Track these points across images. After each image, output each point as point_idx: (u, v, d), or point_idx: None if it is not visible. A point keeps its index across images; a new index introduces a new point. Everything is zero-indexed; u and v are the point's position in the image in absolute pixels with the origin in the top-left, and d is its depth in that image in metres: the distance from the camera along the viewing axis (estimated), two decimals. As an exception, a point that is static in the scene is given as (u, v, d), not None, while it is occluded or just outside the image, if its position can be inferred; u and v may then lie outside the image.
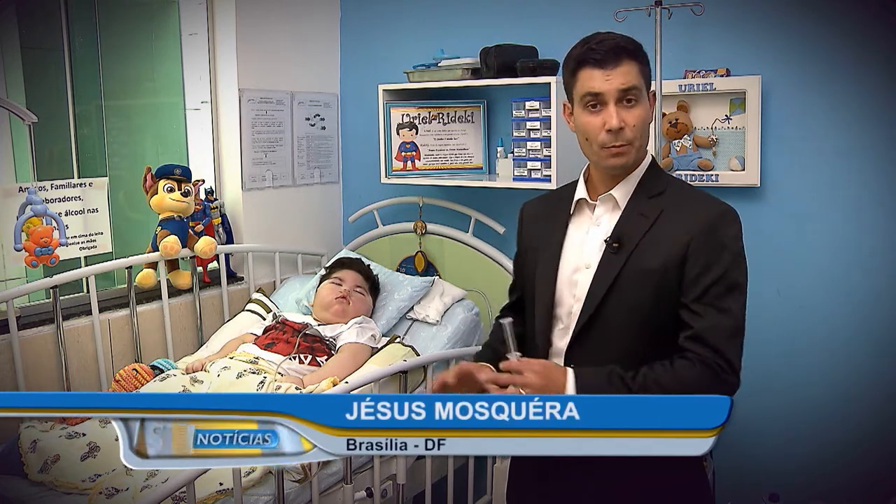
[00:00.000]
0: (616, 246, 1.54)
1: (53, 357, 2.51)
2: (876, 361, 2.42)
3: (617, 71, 1.51)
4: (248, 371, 2.40)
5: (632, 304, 1.52)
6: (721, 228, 1.53)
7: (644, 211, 1.56)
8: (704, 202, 1.58)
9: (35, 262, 2.40)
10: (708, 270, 1.49)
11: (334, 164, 3.45)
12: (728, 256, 1.51)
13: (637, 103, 1.53)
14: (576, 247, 1.61)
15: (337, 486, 2.25)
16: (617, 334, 1.54)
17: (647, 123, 1.56)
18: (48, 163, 2.80)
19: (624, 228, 1.55)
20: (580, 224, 1.63)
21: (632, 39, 1.56)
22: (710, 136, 2.58)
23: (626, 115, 1.52)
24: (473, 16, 3.04)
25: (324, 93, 3.36)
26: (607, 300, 1.53)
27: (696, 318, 1.49)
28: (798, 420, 2.55)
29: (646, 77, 1.57)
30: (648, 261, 1.52)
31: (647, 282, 1.51)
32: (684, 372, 1.47)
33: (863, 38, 2.35)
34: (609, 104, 1.52)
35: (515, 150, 2.72)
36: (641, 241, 1.53)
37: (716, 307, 1.49)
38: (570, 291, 1.59)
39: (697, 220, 1.52)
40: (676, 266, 1.50)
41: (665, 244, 1.52)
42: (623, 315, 1.53)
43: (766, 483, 2.57)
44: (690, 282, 1.50)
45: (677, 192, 1.60)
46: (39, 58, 2.92)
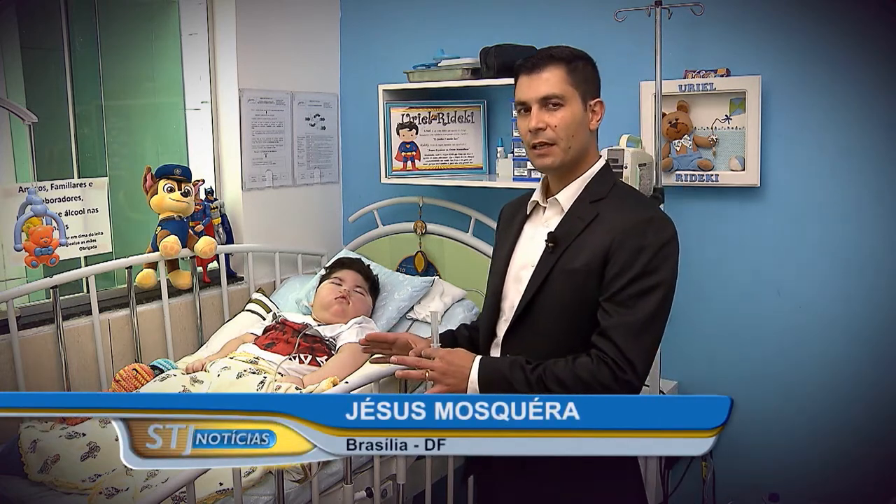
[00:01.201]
0: (552, 246, 1.63)
1: (53, 357, 2.51)
2: (876, 361, 2.42)
3: (540, 77, 1.62)
4: (248, 371, 2.40)
5: (559, 300, 1.61)
6: (644, 233, 1.56)
7: (581, 214, 1.64)
8: (636, 208, 1.63)
9: (35, 262, 2.40)
10: (623, 272, 1.54)
11: (334, 164, 3.45)
12: (645, 259, 1.54)
13: (561, 107, 1.62)
14: (525, 246, 1.72)
15: (337, 486, 2.25)
16: (546, 329, 1.62)
17: (577, 126, 1.63)
18: (48, 163, 2.80)
19: (562, 230, 1.64)
20: (534, 224, 1.73)
21: (569, 49, 1.65)
22: (710, 136, 2.58)
23: (547, 118, 1.62)
24: (473, 16, 3.04)
25: (324, 93, 3.36)
26: (538, 296, 1.62)
27: (605, 316, 1.55)
28: (798, 420, 2.55)
29: (579, 83, 1.63)
30: (574, 261, 1.60)
31: (572, 280, 1.59)
32: (583, 368, 1.52)
33: (863, 38, 2.35)
34: (532, 108, 1.63)
35: (515, 150, 2.72)
36: (573, 242, 1.61)
37: (625, 306, 1.53)
38: (515, 287, 1.69)
39: (622, 223, 1.58)
40: (598, 267, 1.57)
41: (591, 246, 1.59)
42: (551, 311, 1.61)
43: (766, 483, 2.57)
44: (607, 282, 1.56)
45: (618, 197, 1.66)
46: (39, 58, 2.92)
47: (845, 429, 2.47)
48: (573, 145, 1.63)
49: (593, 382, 1.50)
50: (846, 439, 2.47)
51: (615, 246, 1.56)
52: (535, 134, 1.62)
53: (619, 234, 1.56)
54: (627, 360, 1.50)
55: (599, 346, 1.53)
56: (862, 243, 2.42)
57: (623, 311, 1.52)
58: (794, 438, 2.55)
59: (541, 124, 1.61)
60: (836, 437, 2.49)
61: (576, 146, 1.64)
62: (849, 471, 2.46)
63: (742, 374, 2.61)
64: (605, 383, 1.49)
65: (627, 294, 1.53)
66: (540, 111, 1.62)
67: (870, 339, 2.42)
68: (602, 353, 1.51)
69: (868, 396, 2.43)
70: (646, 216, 1.59)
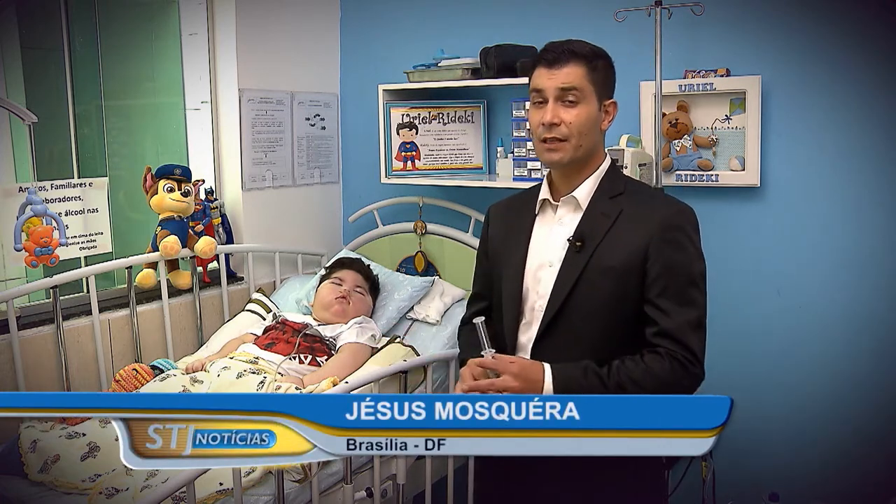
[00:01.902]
0: (579, 245, 1.61)
1: (53, 357, 2.51)
2: (876, 361, 2.42)
3: (562, 71, 1.60)
4: (248, 371, 2.40)
5: (594, 300, 1.59)
6: (681, 226, 1.59)
7: (605, 210, 1.63)
8: (662, 202, 1.66)
9: (35, 262, 2.40)
10: (669, 268, 1.56)
11: (334, 164, 3.45)
12: (687, 253, 1.58)
13: (578, 104, 1.60)
14: (540, 245, 1.69)
15: (337, 486, 2.25)
16: (581, 329, 1.60)
17: (590, 125, 1.62)
18: (48, 163, 2.80)
19: (586, 228, 1.62)
20: (544, 223, 1.71)
21: (592, 47, 1.64)
22: (710, 136, 2.58)
23: (563, 113, 1.60)
24: (473, 16, 3.04)
25: (324, 93, 3.36)
26: (571, 297, 1.60)
27: (661, 314, 1.55)
28: (798, 420, 2.55)
29: (597, 82, 1.62)
30: (609, 258, 1.58)
31: (609, 279, 1.58)
32: (655, 366, 1.53)
33: (863, 38, 2.35)
34: (549, 101, 1.60)
35: (515, 150, 2.72)
36: (603, 239, 1.60)
37: (679, 302, 1.55)
38: (534, 288, 1.66)
39: (657, 218, 1.58)
40: (639, 263, 1.57)
41: (626, 242, 1.58)
42: (586, 311, 1.59)
43: (766, 483, 2.57)
44: (653, 279, 1.56)
45: (635, 192, 1.68)
46: (39, 58, 2.92)
47: (845, 429, 2.47)
48: (584, 143, 1.62)
49: (670, 380, 1.52)
50: (846, 439, 2.47)
51: (655, 241, 1.56)
52: (549, 128, 1.61)
53: (657, 229, 1.56)
54: (694, 354, 1.54)
55: (663, 345, 1.54)
56: (862, 243, 2.42)
57: (681, 309, 1.54)
58: (794, 438, 2.55)
59: (555, 119, 1.60)
60: (836, 437, 2.49)
61: (586, 145, 1.63)
62: (849, 471, 2.46)
63: (742, 373, 2.61)
64: (680, 380, 1.53)
65: (681, 288, 1.55)
66: (556, 105, 1.60)
67: (870, 339, 2.42)
68: (670, 350, 1.53)
69: (868, 396, 2.43)
70: (675, 207, 1.61)
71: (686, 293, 1.56)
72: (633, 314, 1.59)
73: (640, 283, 1.57)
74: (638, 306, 1.58)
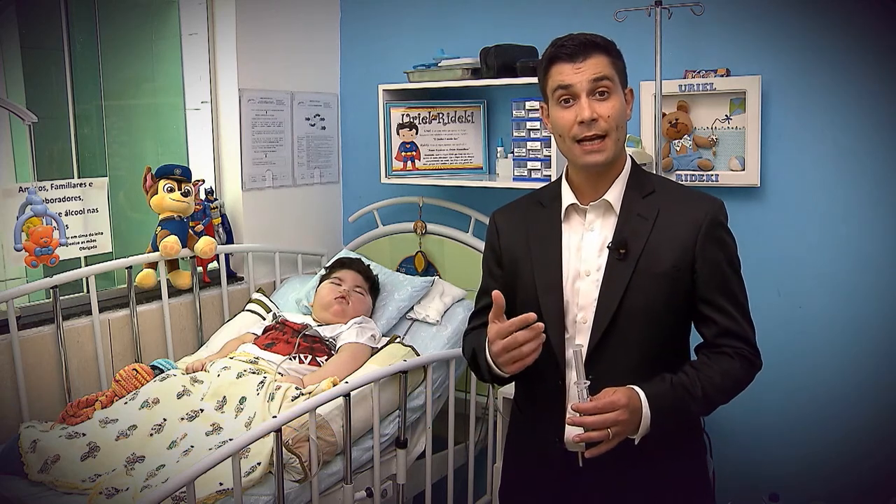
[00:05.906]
0: (623, 252, 1.53)
1: (53, 357, 2.51)
2: (876, 362, 2.42)
3: (587, 63, 1.50)
4: (248, 371, 2.40)
5: (645, 308, 1.53)
6: (720, 223, 1.58)
7: (641, 212, 1.55)
8: (697, 198, 1.61)
9: (35, 262, 2.40)
10: (719, 265, 1.55)
11: (334, 164, 3.45)
12: (731, 247, 1.58)
13: (610, 95, 1.51)
14: (573, 254, 1.59)
15: (337, 486, 2.25)
16: (632, 339, 1.54)
17: (623, 117, 1.54)
18: (48, 163, 2.80)
19: (625, 233, 1.54)
20: (573, 231, 1.61)
21: (602, 37, 1.56)
22: (710, 136, 2.58)
23: (598, 107, 1.50)
24: (473, 16, 3.04)
25: (324, 93, 3.36)
26: (621, 307, 1.52)
27: (720, 314, 1.54)
28: (798, 420, 2.55)
29: (619, 71, 1.55)
30: (657, 264, 1.52)
31: (659, 283, 1.53)
32: (728, 366, 1.54)
33: (863, 38, 2.35)
34: (581, 96, 1.50)
35: (515, 150, 2.72)
36: (647, 243, 1.53)
37: (734, 299, 1.56)
38: (573, 301, 1.57)
39: (698, 217, 1.55)
40: (688, 264, 1.53)
41: (671, 245, 1.53)
42: (637, 320, 1.53)
43: (766, 483, 2.57)
44: (706, 279, 1.54)
45: (664, 188, 1.62)
46: (39, 58, 2.92)
47: (846, 429, 2.47)
48: (621, 137, 1.54)
49: (742, 377, 1.55)
50: (846, 439, 2.47)
51: (701, 240, 1.53)
52: (589, 126, 1.49)
53: (701, 227, 1.53)
54: (756, 348, 1.57)
55: (731, 344, 1.54)
56: (862, 243, 2.42)
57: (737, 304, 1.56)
58: (795, 438, 2.55)
59: (594, 114, 1.48)
60: (836, 437, 2.48)
61: (622, 139, 1.55)
62: (849, 471, 2.46)
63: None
64: (749, 375, 1.56)
65: (733, 284, 1.56)
66: (589, 100, 1.49)
67: (870, 339, 2.42)
68: (737, 348, 1.54)
69: (868, 396, 2.43)
70: (711, 202, 1.58)
71: (738, 287, 1.57)
72: (681, 316, 1.57)
73: (691, 283, 1.54)
74: (687, 305, 1.56)
